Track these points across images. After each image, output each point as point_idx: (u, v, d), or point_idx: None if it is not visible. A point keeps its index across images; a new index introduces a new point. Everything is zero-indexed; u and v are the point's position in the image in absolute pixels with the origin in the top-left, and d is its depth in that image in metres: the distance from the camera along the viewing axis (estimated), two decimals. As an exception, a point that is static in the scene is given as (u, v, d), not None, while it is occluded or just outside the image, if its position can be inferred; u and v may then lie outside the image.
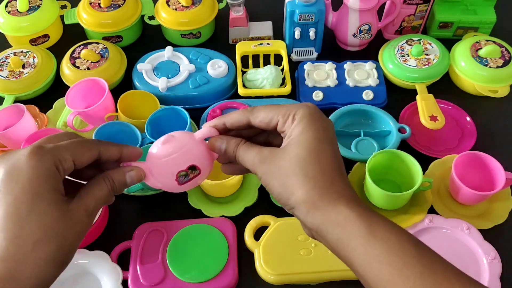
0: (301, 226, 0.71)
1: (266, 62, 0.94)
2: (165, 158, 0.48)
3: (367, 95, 0.86)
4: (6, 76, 0.89)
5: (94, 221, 0.69)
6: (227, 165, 0.48)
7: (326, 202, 0.39)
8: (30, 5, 0.97)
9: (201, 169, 0.49)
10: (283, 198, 0.40)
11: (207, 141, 0.46)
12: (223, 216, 0.73)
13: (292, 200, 0.39)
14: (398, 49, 0.91)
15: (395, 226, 0.39)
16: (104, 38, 0.97)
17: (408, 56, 0.90)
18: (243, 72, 0.91)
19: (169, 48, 0.92)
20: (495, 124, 0.87)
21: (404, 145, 0.81)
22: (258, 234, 0.71)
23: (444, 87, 0.91)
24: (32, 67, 0.90)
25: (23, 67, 0.90)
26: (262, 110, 0.42)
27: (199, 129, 0.83)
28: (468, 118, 0.85)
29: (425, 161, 0.77)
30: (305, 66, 0.90)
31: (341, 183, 0.40)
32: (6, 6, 0.97)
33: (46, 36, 1.00)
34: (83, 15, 0.97)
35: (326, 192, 0.39)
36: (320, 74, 0.89)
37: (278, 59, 0.94)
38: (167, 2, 0.97)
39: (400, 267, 0.36)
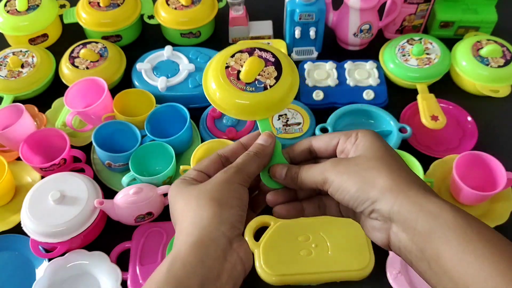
0: (301, 226, 0.70)
1: (266, 61, 0.93)
2: (132, 204, 0.68)
3: (368, 94, 0.86)
4: (5, 76, 0.88)
5: (93, 222, 0.69)
6: (280, 207, 0.47)
7: (416, 191, 0.37)
8: (29, 5, 0.97)
9: (155, 214, 0.71)
10: (362, 194, 0.38)
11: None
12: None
13: (375, 192, 0.38)
14: (399, 49, 0.91)
15: (485, 224, 0.37)
16: (104, 38, 0.97)
17: (409, 55, 0.89)
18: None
19: (168, 48, 0.92)
20: (496, 124, 0.87)
21: (405, 145, 0.80)
22: (258, 234, 0.70)
23: (445, 87, 0.91)
24: (31, 67, 0.90)
25: (22, 66, 0.90)
26: (323, 135, 0.45)
27: (198, 128, 0.83)
28: (469, 118, 0.85)
29: (426, 161, 0.77)
30: (306, 66, 0.90)
31: (422, 180, 0.39)
32: (5, 5, 0.97)
33: (45, 35, 0.99)
34: (82, 15, 0.97)
35: (414, 182, 0.38)
36: (321, 74, 0.89)
37: (278, 59, 0.93)
38: (166, 1, 0.97)
39: (497, 264, 0.33)
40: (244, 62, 0.46)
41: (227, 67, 0.46)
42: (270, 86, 0.45)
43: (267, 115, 0.46)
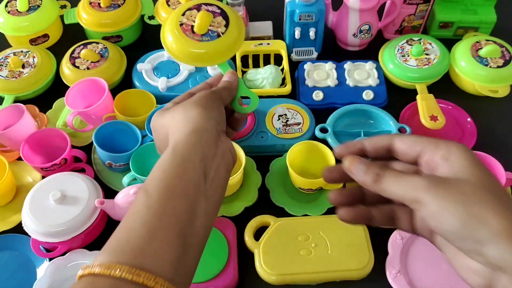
0: (300, 226, 0.70)
1: (266, 62, 0.94)
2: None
3: (367, 95, 0.86)
4: (6, 76, 0.89)
5: (93, 222, 0.69)
6: (345, 210, 0.40)
7: None
8: (30, 5, 0.97)
9: None
10: (467, 231, 0.32)
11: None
12: (223, 216, 0.73)
13: (485, 233, 0.32)
14: (398, 49, 0.91)
15: None
16: (104, 38, 0.97)
17: (408, 56, 0.90)
18: (243, 72, 0.91)
19: (169, 48, 0.92)
20: (496, 124, 0.87)
21: (404, 145, 0.81)
22: (258, 234, 0.71)
23: (444, 87, 0.91)
24: (32, 67, 0.90)
25: (23, 67, 0.90)
26: (407, 136, 0.39)
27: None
28: (468, 118, 0.85)
29: (425, 161, 0.77)
30: (305, 66, 0.90)
31: None
32: (6, 6, 0.97)
33: (46, 36, 1.00)
34: (83, 15, 0.97)
35: None
36: (320, 74, 0.89)
37: (278, 59, 0.93)
38: (167, 2, 0.97)
39: None
40: (194, 18, 0.52)
41: (181, 25, 0.52)
42: (222, 33, 0.52)
43: (225, 59, 0.53)
